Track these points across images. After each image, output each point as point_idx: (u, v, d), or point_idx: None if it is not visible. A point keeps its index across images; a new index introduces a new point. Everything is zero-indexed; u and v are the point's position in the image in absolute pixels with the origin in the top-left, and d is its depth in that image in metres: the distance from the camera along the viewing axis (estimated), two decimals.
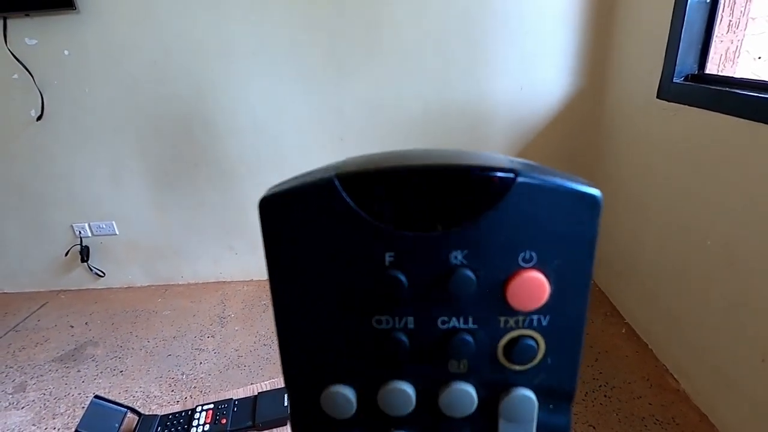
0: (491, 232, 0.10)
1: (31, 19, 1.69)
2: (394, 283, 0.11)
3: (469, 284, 0.11)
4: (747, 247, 1.09)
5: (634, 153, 1.59)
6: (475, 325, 0.11)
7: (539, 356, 0.11)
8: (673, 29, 1.33)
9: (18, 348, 1.76)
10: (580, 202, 0.11)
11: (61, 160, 1.92)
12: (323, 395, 0.12)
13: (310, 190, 0.11)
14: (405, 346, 0.11)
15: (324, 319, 0.11)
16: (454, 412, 0.11)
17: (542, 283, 0.11)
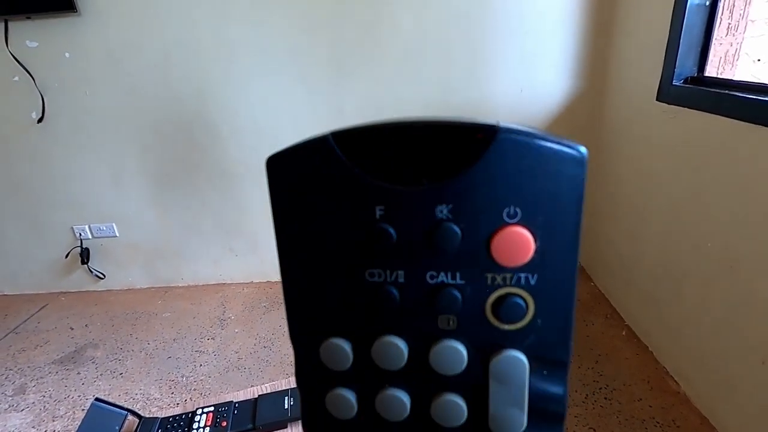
0: (475, 186, 0.11)
1: (32, 21, 1.70)
2: (383, 235, 0.11)
3: (454, 238, 0.11)
4: (747, 250, 1.09)
5: (634, 155, 1.59)
6: (462, 281, 0.11)
7: (528, 316, 0.11)
8: (673, 32, 1.34)
9: (18, 350, 1.76)
10: (564, 158, 0.10)
11: (62, 162, 1.93)
12: (322, 347, 0.12)
13: (308, 147, 0.12)
14: (396, 299, 0.12)
15: (322, 274, 0.12)
16: (444, 370, 0.12)
17: (527, 238, 0.11)
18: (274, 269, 2.13)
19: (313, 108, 1.81)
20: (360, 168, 0.11)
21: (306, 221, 0.12)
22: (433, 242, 0.11)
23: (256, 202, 2.00)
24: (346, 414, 0.12)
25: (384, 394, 0.12)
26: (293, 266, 0.13)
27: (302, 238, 0.12)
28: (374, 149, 0.11)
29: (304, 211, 0.12)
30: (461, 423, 0.12)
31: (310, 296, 0.12)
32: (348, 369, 0.12)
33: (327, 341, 0.12)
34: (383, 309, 0.12)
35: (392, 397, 0.12)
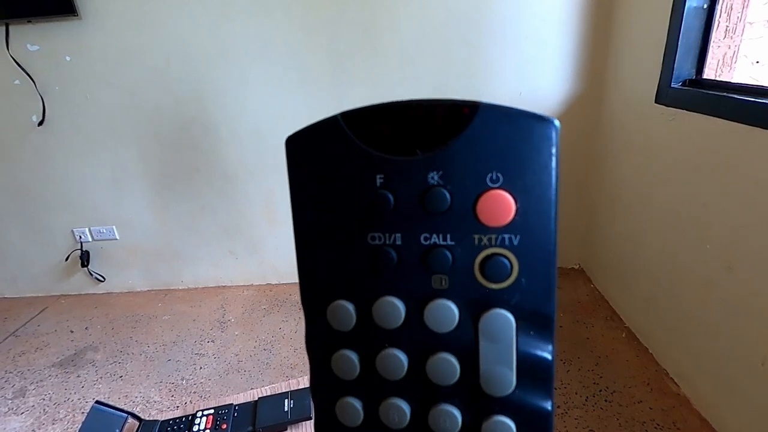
0: (461, 155, 0.12)
1: (33, 25, 1.70)
2: (383, 200, 0.13)
3: (444, 201, 0.13)
4: (746, 251, 1.09)
5: (633, 158, 1.60)
6: (452, 242, 0.13)
7: (513, 275, 0.13)
8: (671, 35, 1.34)
9: (18, 353, 1.76)
10: (538, 129, 0.12)
11: (62, 165, 1.93)
12: (329, 309, 0.14)
13: (321, 126, 0.13)
14: (393, 260, 0.13)
15: (329, 238, 0.14)
16: (437, 327, 0.13)
17: (508, 200, 0.12)
18: (273, 272, 2.13)
19: (312, 110, 1.82)
20: (363, 142, 0.13)
21: (317, 192, 0.14)
22: (426, 206, 0.13)
23: (256, 205, 2.01)
24: (350, 375, 0.14)
25: (384, 353, 0.13)
26: (305, 234, 0.14)
27: (314, 207, 0.14)
28: (376, 126, 0.13)
29: (316, 183, 0.14)
30: (454, 381, 0.13)
31: (319, 261, 0.14)
32: (352, 330, 0.14)
33: (333, 303, 0.14)
34: (383, 269, 0.13)
35: (391, 355, 0.13)
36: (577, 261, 2.07)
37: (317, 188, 0.14)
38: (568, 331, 1.66)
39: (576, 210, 1.97)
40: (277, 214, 2.02)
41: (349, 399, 0.14)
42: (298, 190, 0.14)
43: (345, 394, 0.14)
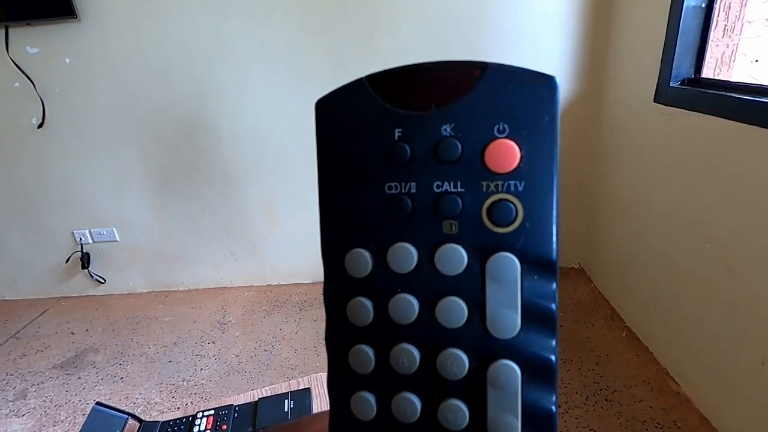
0: (471, 109, 0.14)
1: (32, 27, 1.71)
2: (401, 150, 0.14)
3: (455, 150, 0.14)
4: (746, 250, 1.10)
5: (632, 157, 1.60)
6: (462, 189, 0.14)
7: (518, 220, 0.13)
8: (670, 34, 1.35)
9: (19, 355, 1.76)
10: (541, 85, 0.13)
11: (62, 168, 1.93)
12: (347, 257, 0.15)
13: (348, 88, 0.15)
14: (408, 206, 0.14)
15: (351, 192, 0.15)
16: (447, 270, 0.14)
17: (513, 148, 0.13)
18: (274, 273, 2.13)
19: (312, 111, 1.81)
20: (384, 100, 0.14)
21: (341, 148, 0.15)
22: (439, 155, 0.14)
23: (257, 206, 2.01)
24: (363, 321, 0.15)
25: (396, 298, 0.14)
26: (329, 189, 0.15)
27: (338, 163, 0.15)
28: (396, 86, 0.14)
29: (341, 140, 0.15)
30: (462, 324, 0.14)
31: (340, 213, 0.15)
32: (367, 276, 0.15)
33: (351, 251, 0.15)
34: (398, 216, 0.14)
35: (403, 300, 0.14)
36: (578, 261, 2.07)
37: (342, 144, 0.15)
38: (569, 330, 1.66)
39: (576, 210, 1.97)
40: (277, 215, 2.02)
41: (362, 346, 0.15)
42: (324, 148, 0.16)
43: (359, 341, 0.15)
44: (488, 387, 0.14)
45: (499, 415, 0.14)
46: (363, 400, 0.15)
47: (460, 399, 0.14)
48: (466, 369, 0.14)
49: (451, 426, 0.14)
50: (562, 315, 1.75)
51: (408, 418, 0.14)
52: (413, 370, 0.14)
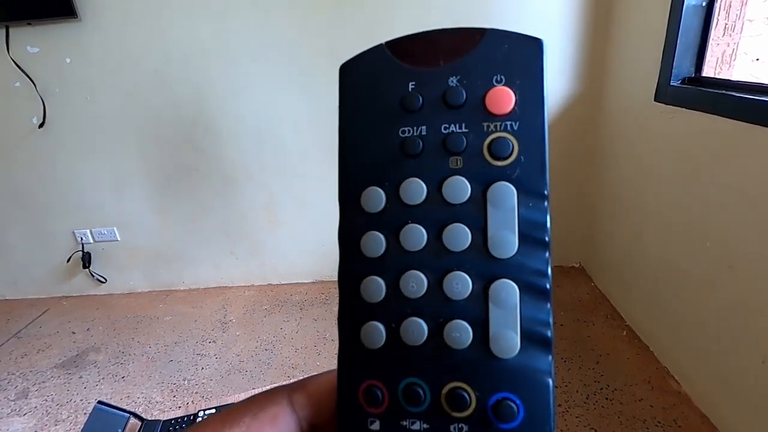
0: (474, 63, 0.16)
1: (32, 27, 1.71)
2: (414, 100, 0.17)
3: (460, 96, 0.16)
4: (746, 249, 1.10)
5: (633, 156, 1.60)
6: (466, 129, 0.16)
7: (514, 154, 0.16)
8: (670, 33, 1.34)
9: (20, 354, 1.76)
10: (530, 45, 0.16)
11: (63, 167, 1.93)
12: (363, 195, 0.17)
13: (369, 52, 0.18)
14: (419, 147, 0.16)
15: (368, 138, 0.17)
16: (453, 199, 0.16)
17: (509, 94, 0.16)
18: (274, 272, 2.13)
19: (312, 111, 1.82)
20: (400, 60, 0.17)
21: (361, 102, 0.17)
22: (447, 102, 0.16)
23: (257, 206, 2.01)
24: (376, 253, 0.16)
25: (407, 227, 0.16)
26: (349, 138, 0.17)
27: (357, 115, 0.17)
28: (411, 47, 0.17)
29: (361, 95, 0.17)
30: (466, 247, 0.16)
31: (357, 157, 0.17)
32: (381, 210, 0.17)
33: (367, 189, 0.17)
34: (410, 155, 0.16)
35: (414, 228, 0.16)
36: (578, 260, 2.07)
37: (362, 99, 0.17)
38: (569, 329, 1.66)
39: (576, 209, 1.97)
40: (277, 215, 2.03)
41: (374, 277, 0.16)
42: (346, 104, 0.18)
43: (371, 273, 0.16)
44: (490, 305, 0.15)
45: (500, 331, 0.15)
46: (373, 328, 0.16)
47: (464, 319, 0.15)
48: (470, 289, 0.15)
49: (456, 344, 0.15)
50: (562, 314, 1.75)
51: (416, 341, 0.16)
52: (421, 293, 0.16)
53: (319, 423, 0.18)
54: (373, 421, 0.16)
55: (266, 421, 0.17)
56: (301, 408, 0.18)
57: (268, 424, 0.17)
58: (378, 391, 0.16)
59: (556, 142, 1.87)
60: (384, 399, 0.16)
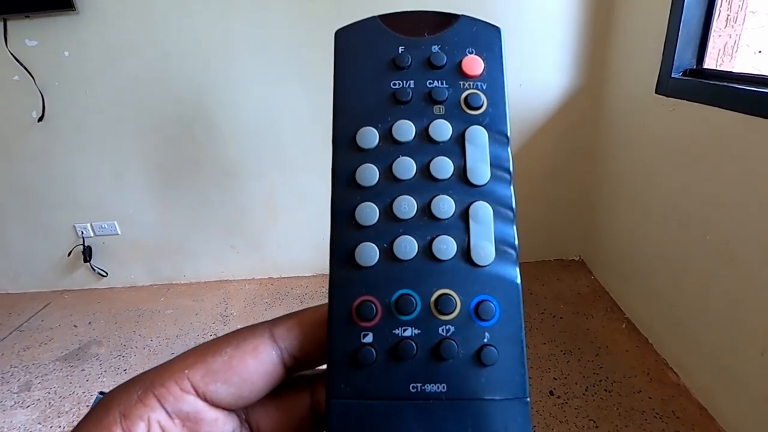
0: (452, 37, 0.20)
1: (30, 20, 1.70)
2: (404, 58, 0.20)
3: (442, 59, 0.20)
4: (746, 242, 1.10)
5: (634, 148, 1.59)
6: (447, 85, 0.19)
7: (484, 106, 0.19)
8: (671, 24, 1.34)
9: (22, 348, 1.77)
10: (492, 29, 0.20)
11: (63, 161, 1.93)
12: (358, 133, 0.19)
13: (364, 22, 0.21)
14: (409, 95, 0.19)
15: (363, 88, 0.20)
16: (437, 138, 0.19)
17: (479, 61, 0.20)
18: (274, 266, 2.14)
19: (313, 106, 1.81)
20: (391, 29, 0.20)
21: (356, 61, 0.20)
22: (431, 63, 0.20)
23: (257, 200, 2.01)
24: (370, 182, 0.19)
25: (399, 159, 0.19)
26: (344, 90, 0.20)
27: (353, 70, 0.20)
28: (401, 21, 0.20)
29: (356, 54, 0.20)
30: (449, 176, 0.19)
31: (353, 104, 0.20)
32: (374, 147, 0.19)
33: (362, 128, 0.19)
34: (401, 102, 0.19)
35: (404, 160, 0.19)
36: (578, 253, 2.08)
37: (357, 59, 0.20)
38: (569, 322, 1.66)
39: (576, 201, 1.97)
40: (278, 209, 2.03)
41: (369, 202, 0.18)
42: (341, 63, 0.20)
43: (366, 199, 0.19)
44: (470, 222, 0.18)
45: (479, 242, 0.18)
46: (367, 247, 0.18)
47: (449, 235, 0.18)
48: (453, 209, 0.18)
49: (443, 256, 0.18)
50: (562, 307, 1.75)
51: (407, 256, 0.18)
52: (412, 215, 0.18)
53: (301, 355, 0.19)
54: (366, 334, 0.17)
55: (248, 351, 0.18)
56: (282, 340, 0.18)
57: (249, 354, 0.18)
58: (371, 305, 0.17)
59: (556, 135, 1.87)
60: (377, 312, 0.17)
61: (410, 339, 0.17)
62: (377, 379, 0.17)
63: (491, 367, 0.17)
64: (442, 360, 0.17)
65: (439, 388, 0.17)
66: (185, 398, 0.17)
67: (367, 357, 0.17)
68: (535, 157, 1.90)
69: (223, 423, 0.18)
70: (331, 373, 0.17)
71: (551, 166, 1.92)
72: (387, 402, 0.17)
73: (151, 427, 0.17)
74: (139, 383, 0.18)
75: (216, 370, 0.18)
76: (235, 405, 0.18)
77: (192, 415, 0.17)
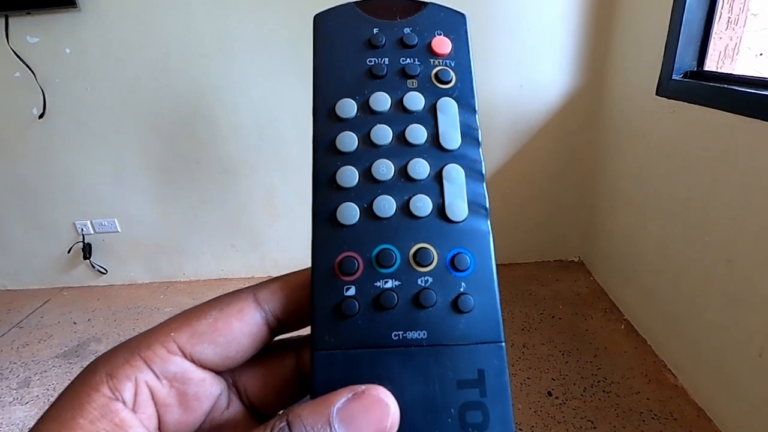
0: (422, 21, 0.22)
1: (32, 17, 1.70)
2: (379, 38, 0.21)
3: (414, 39, 0.21)
4: (745, 244, 1.10)
5: (634, 150, 1.60)
6: (419, 62, 0.21)
7: (453, 80, 0.21)
8: (672, 26, 1.34)
9: (22, 344, 1.78)
10: (458, 15, 0.22)
11: (63, 158, 1.93)
12: (337, 104, 0.21)
13: (340, 7, 0.22)
14: (384, 70, 0.21)
15: (341, 65, 0.22)
16: (411, 108, 0.20)
17: (447, 41, 0.21)
18: (274, 265, 2.14)
19: None
20: (366, 13, 0.22)
21: (334, 40, 0.22)
22: (404, 42, 0.21)
23: (257, 198, 2.01)
24: (349, 148, 0.20)
25: (376, 127, 0.20)
26: (323, 68, 0.22)
27: (331, 49, 0.22)
28: (375, 6, 0.22)
29: (334, 35, 0.22)
30: (423, 142, 0.20)
31: (332, 79, 0.22)
32: (353, 117, 0.20)
33: (341, 100, 0.21)
34: (377, 76, 0.21)
35: (381, 127, 0.20)
36: (578, 254, 2.08)
37: (334, 39, 0.22)
38: (568, 322, 1.67)
39: (576, 202, 1.97)
40: (278, 208, 2.03)
41: (349, 166, 0.20)
42: (321, 43, 0.22)
43: (346, 164, 0.20)
44: (444, 182, 0.19)
45: (453, 200, 0.19)
46: (348, 207, 0.19)
47: (425, 194, 0.19)
48: (428, 171, 0.19)
49: (420, 213, 0.19)
50: (561, 307, 1.75)
51: (386, 214, 0.19)
52: (390, 176, 0.19)
53: (285, 316, 0.19)
54: (348, 287, 0.18)
55: (232, 314, 0.18)
56: (266, 303, 0.19)
57: (234, 316, 0.18)
58: (353, 260, 0.18)
59: (556, 136, 1.87)
60: (359, 267, 0.18)
61: (391, 290, 0.18)
62: (360, 329, 0.18)
63: (468, 314, 0.18)
64: (422, 308, 0.18)
65: (420, 334, 0.18)
66: (172, 359, 0.17)
67: (350, 308, 0.18)
68: (535, 158, 1.90)
69: (210, 384, 0.19)
70: (315, 326, 0.18)
71: (551, 167, 1.92)
72: (370, 350, 0.17)
73: (138, 387, 0.17)
74: (125, 348, 0.18)
75: (202, 332, 0.18)
76: (222, 366, 0.19)
77: (179, 376, 0.18)
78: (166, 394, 0.17)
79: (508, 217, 1.99)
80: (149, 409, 0.17)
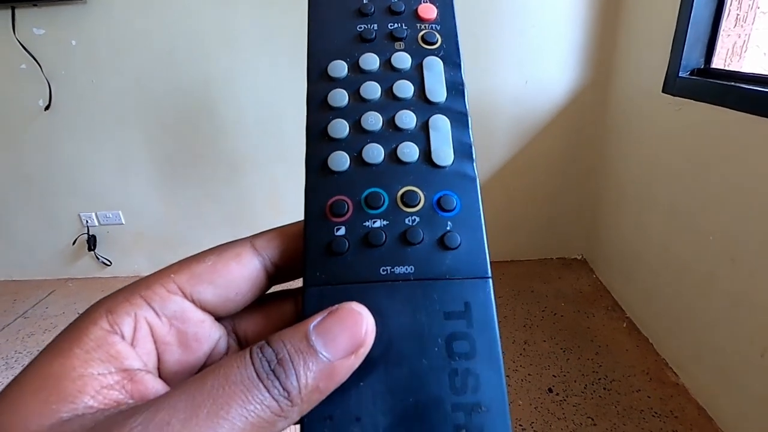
0: None
1: (38, 9, 1.70)
2: (368, 7, 0.22)
3: (401, 6, 0.22)
4: (749, 243, 1.09)
5: (639, 147, 1.59)
6: (406, 27, 0.22)
7: (439, 41, 0.22)
8: (680, 23, 1.33)
9: (27, 334, 1.79)
10: None
11: (69, 150, 1.94)
12: (329, 66, 0.21)
13: None
14: (374, 35, 0.22)
15: (333, 32, 0.22)
16: (399, 66, 0.21)
17: (433, 7, 0.22)
18: None
19: None
20: None
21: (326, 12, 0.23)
22: (391, 10, 0.22)
23: (261, 194, 2.02)
24: (341, 103, 0.21)
25: (365, 83, 0.21)
26: (316, 34, 0.22)
27: (324, 18, 0.23)
28: None
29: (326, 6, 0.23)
30: (410, 96, 0.21)
31: (325, 43, 0.22)
32: (344, 76, 0.21)
33: (333, 61, 0.21)
34: (366, 40, 0.22)
35: (370, 84, 0.21)
36: (580, 252, 2.07)
37: (327, 10, 0.23)
38: (569, 320, 1.67)
39: (580, 200, 1.97)
40: (281, 204, 2.03)
41: (340, 119, 0.20)
42: (313, 15, 0.23)
43: (337, 117, 0.20)
44: (430, 131, 0.20)
45: (439, 146, 0.20)
46: (339, 155, 0.20)
47: (413, 142, 0.20)
48: (415, 121, 0.20)
49: (407, 158, 0.20)
50: (562, 305, 1.75)
51: (375, 160, 0.20)
52: (379, 127, 0.20)
53: (282, 263, 0.20)
54: (338, 227, 0.19)
55: (231, 258, 0.19)
56: (263, 249, 0.20)
57: (233, 259, 0.19)
58: (343, 203, 0.19)
59: (561, 133, 1.86)
60: (349, 209, 0.19)
61: (379, 229, 0.19)
62: (350, 265, 0.18)
63: (455, 251, 0.18)
64: (410, 245, 0.18)
65: (407, 269, 0.18)
66: (172, 298, 0.18)
67: (340, 246, 0.18)
68: (540, 154, 1.89)
69: (210, 327, 0.19)
70: (307, 265, 0.18)
71: (555, 164, 1.92)
72: (359, 285, 0.18)
73: (138, 323, 0.17)
74: (126, 289, 0.18)
75: (201, 273, 0.18)
76: (222, 308, 0.19)
77: (179, 314, 0.18)
78: (165, 332, 0.18)
79: (512, 213, 1.99)
80: (148, 344, 0.17)
